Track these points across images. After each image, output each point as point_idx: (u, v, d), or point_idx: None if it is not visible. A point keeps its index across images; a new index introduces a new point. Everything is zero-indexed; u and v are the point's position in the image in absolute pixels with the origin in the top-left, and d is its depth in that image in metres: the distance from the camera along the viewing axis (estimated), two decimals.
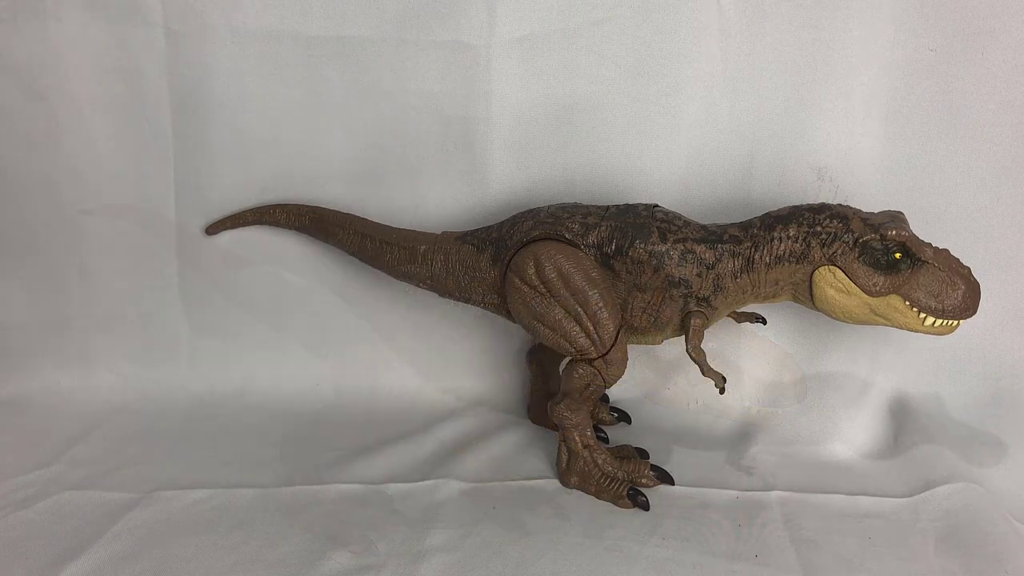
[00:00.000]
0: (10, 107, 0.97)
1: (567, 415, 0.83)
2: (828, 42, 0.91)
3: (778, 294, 0.82)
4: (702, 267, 0.81)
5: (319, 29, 0.94)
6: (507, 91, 0.95)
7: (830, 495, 0.85)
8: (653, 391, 1.03)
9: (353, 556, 0.75)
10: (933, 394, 0.98)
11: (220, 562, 0.74)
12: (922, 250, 0.75)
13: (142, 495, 0.83)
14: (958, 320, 0.76)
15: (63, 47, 0.95)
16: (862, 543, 0.77)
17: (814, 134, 0.94)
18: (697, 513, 0.82)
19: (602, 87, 0.95)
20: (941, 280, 0.75)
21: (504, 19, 0.92)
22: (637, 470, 0.85)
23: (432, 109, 0.97)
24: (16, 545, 0.76)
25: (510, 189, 0.99)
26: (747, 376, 1.00)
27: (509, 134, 0.97)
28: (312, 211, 1.00)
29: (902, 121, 0.92)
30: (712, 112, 0.95)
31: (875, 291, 0.76)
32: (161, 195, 1.02)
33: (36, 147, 0.99)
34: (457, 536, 0.78)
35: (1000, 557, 0.74)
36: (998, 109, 0.90)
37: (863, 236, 0.76)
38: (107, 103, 0.98)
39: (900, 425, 0.96)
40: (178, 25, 0.94)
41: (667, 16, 0.92)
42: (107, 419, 0.99)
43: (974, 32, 0.88)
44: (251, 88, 0.97)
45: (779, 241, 0.79)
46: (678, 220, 0.83)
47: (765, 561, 0.74)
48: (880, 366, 0.98)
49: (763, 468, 0.90)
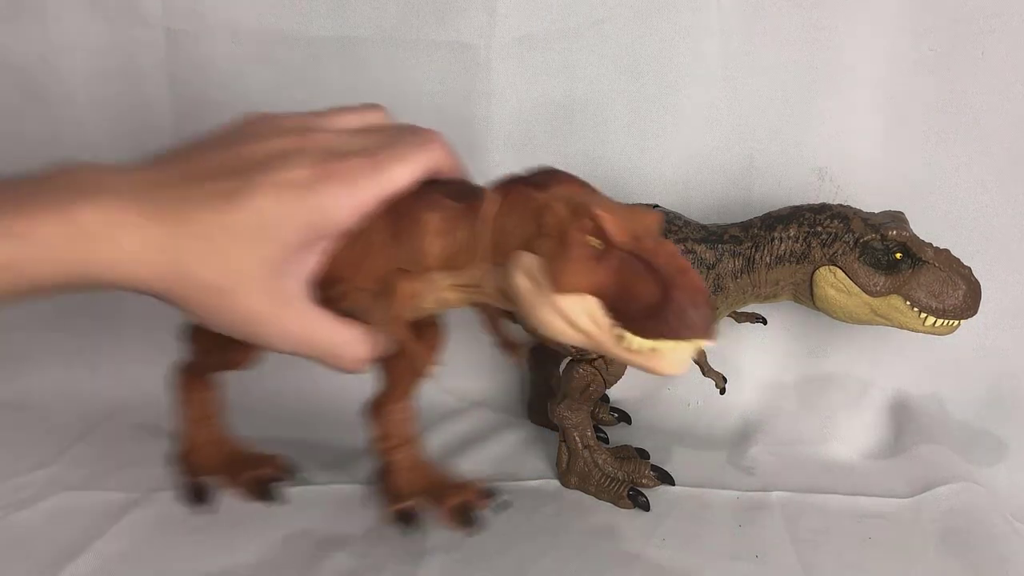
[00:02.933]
0: (10, 107, 0.97)
1: (567, 415, 0.83)
2: (828, 42, 0.91)
3: (778, 294, 0.82)
4: (702, 267, 0.81)
5: (319, 29, 0.94)
6: (507, 91, 0.95)
7: (830, 495, 0.85)
8: (653, 391, 1.03)
9: (353, 556, 0.75)
10: (933, 394, 0.98)
11: (220, 562, 0.74)
12: (923, 250, 0.75)
13: (142, 495, 0.83)
14: (958, 320, 0.76)
15: (63, 47, 0.95)
16: (862, 543, 0.77)
17: (814, 134, 0.94)
18: (697, 513, 0.81)
19: (602, 87, 0.95)
20: (942, 280, 0.75)
21: (504, 19, 0.92)
22: (637, 470, 0.85)
23: (432, 109, 0.97)
24: (16, 545, 0.76)
25: None
26: (747, 376, 1.00)
27: (509, 134, 0.97)
28: None
29: (902, 121, 0.92)
30: (712, 112, 0.95)
31: (876, 291, 0.76)
32: None
33: (36, 147, 0.99)
34: (456, 536, 0.77)
35: (1000, 557, 0.74)
36: (998, 109, 0.90)
37: (864, 236, 0.76)
38: (107, 103, 0.98)
39: (900, 425, 0.96)
40: (178, 25, 0.94)
41: (667, 16, 0.92)
42: (107, 419, 0.99)
43: (974, 32, 0.88)
44: (251, 88, 0.97)
45: (780, 241, 0.79)
46: (678, 220, 0.83)
47: (765, 561, 0.74)
48: (880, 366, 0.98)
49: (763, 468, 0.90)
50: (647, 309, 0.43)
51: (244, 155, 0.51)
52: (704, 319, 0.43)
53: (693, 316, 0.42)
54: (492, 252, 0.50)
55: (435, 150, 0.55)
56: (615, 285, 0.44)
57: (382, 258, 0.53)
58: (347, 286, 0.53)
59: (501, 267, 0.50)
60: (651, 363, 0.45)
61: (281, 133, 0.52)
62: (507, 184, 0.52)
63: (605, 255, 0.45)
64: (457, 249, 0.52)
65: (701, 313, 0.43)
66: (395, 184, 0.52)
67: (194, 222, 0.48)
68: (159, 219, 0.47)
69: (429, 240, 0.52)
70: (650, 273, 0.44)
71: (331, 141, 0.52)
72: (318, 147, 0.51)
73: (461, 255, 0.52)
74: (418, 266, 0.53)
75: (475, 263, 0.51)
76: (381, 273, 0.53)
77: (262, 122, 0.55)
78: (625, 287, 0.44)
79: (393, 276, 0.53)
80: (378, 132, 0.55)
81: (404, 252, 0.53)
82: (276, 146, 0.51)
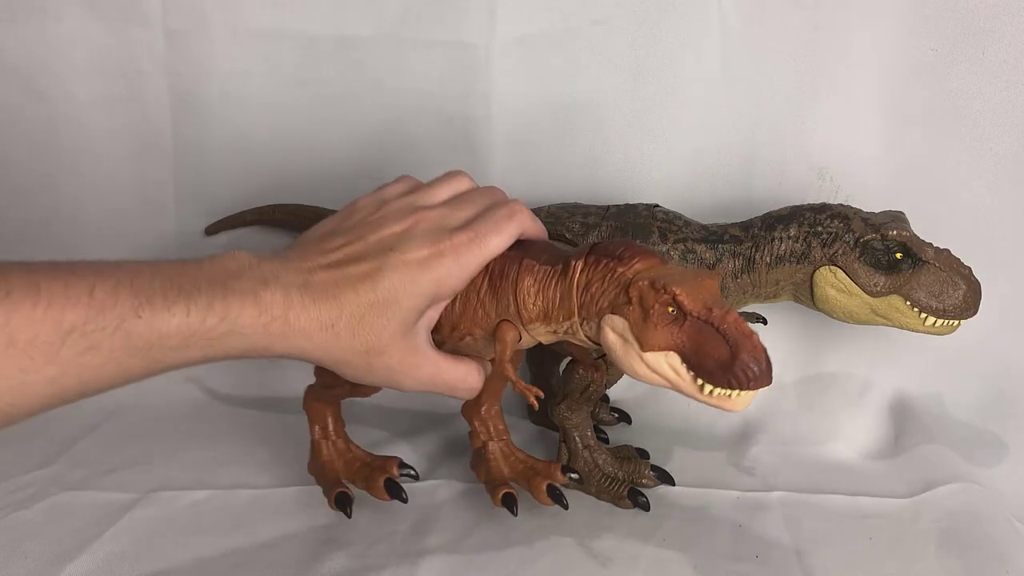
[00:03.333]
0: (10, 107, 0.97)
1: (567, 415, 0.83)
2: (828, 42, 0.91)
3: (779, 294, 0.82)
4: (702, 267, 0.81)
5: (319, 28, 0.94)
6: (507, 91, 0.95)
7: (830, 495, 0.85)
8: (653, 391, 1.03)
9: (352, 556, 0.75)
10: (933, 394, 0.98)
11: (220, 562, 0.74)
12: (923, 250, 0.75)
13: (142, 495, 0.83)
14: (959, 320, 0.76)
15: (63, 47, 0.95)
16: (862, 543, 0.77)
17: (814, 134, 0.94)
18: (698, 514, 0.81)
19: (602, 87, 0.95)
20: (942, 280, 0.75)
21: (504, 19, 0.92)
22: (637, 470, 0.85)
23: (432, 109, 0.97)
24: (16, 545, 0.75)
25: (510, 189, 0.97)
26: None
27: (509, 134, 0.97)
28: (312, 211, 1.00)
29: (902, 121, 0.92)
30: (712, 112, 0.95)
31: (876, 291, 0.76)
32: (161, 195, 1.02)
33: (36, 147, 0.99)
34: (457, 536, 0.77)
35: (1001, 557, 0.74)
36: (998, 109, 0.90)
37: (864, 236, 0.76)
38: (107, 103, 0.98)
39: (901, 425, 0.96)
40: (178, 25, 0.94)
41: (667, 16, 0.92)
42: (107, 419, 0.99)
43: (974, 32, 0.88)
44: (251, 88, 0.97)
45: (780, 241, 0.79)
46: (679, 220, 0.83)
47: (766, 561, 0.74)
48: (880, 366, 0.98)
49: (764, 468, 0.90)
50: (720, 365, 0.55)
51: (372, 241, 0.62)
52: (765, 372, 0.55)
53: (757, 371, 0.55)
54: (579, 308, 0.63)
55: (522, 219, 0.66)
56: (692, 344, 0.57)
57: (486, 310, 0.67)
58: (461, 332, 0.68)
59: (587, 320, 0.63)
60: (725, 405, 0.57)
61: (395, 217, 0.64)
62: (590, 253, 0.63)
63: (682, 320, 0.57)
64: (550, 306, 0.65)
65: (763, 368, 0.55)
66: (493, 252, 0.64)
67: (347, 303, 0.59)
68: (320, 302, 0.58)
69: (524, 299, 0.65)
70: (720, 336, 0.56)
71: (436, 219, 0.64)
72: (428, 227, 0.63)
73: (553, 310, 0.65)
74: (518, 319, 0.66)
75: (565, 316, 0.64)
76: (487, 322, 0.67)
77: (375, 205, 0.66)
78: (700, 347, 0.56)
79: (499, 328, 0.67)
80: (471, 201, 0.67)
81: (504, 306, 0.66)
82: (395, 230, 0.63)
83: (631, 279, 0.60)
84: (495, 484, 0.79)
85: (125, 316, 0.50)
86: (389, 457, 0.82)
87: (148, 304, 0.51)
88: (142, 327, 0.50)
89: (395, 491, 0.78)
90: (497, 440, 0.82)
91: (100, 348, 0.49)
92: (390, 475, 0.79)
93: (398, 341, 0.61)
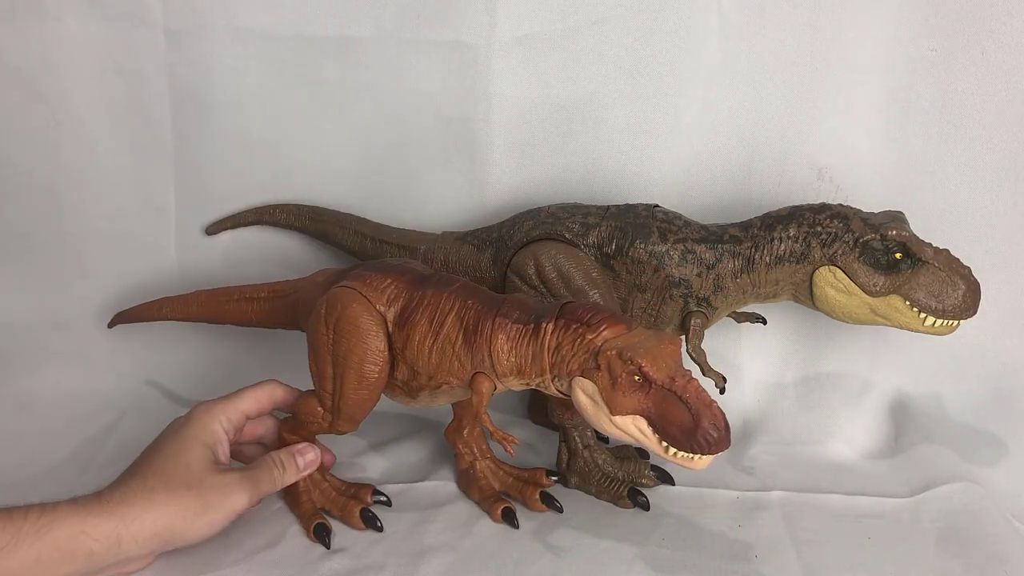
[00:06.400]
0: (10, 107, 0.97)
1: (567, 415, 0.83)
2: (828, 42, 0.91)
3: (778, 294, 0.82)
4: (702, 267, 0.81)
5: (319, 29, 0.94)
6: (507, 91, 0.95)
7: (830, 495, 0.85)
8: None
9: (353, 556, 0.75)
10: (933, 394, 0.98)
11: (220, 562, 0.74)
12: (922, 250, 0.75)
13: None
14: (958, 320, 0.76)
15: (63, 47, 0.95)
16: (862, 543, 0.77)
17: (814, 134, 0.94)
18: (697, 513, 0.81)
19: (602, 87, 0.95)
20: (941, 280, 0.75)
21: (504, 19, 0.92)
22: (637, 470, 0.85)
23: (432, 109, 0.96)
24: None
25: (510, 189, 0.99)
26: (747, 376, 1.00)
27: (509, 134, 0.97)
28: (312, 211, 1.00)
29: (902, 121, 0.92)
30: (712, 112, 0.95)
31: (875, 291, 0.76)
32: (161, 195, 1.02)
33: (36, 147, 0.99)
34: (456, 536, 0.78)
35: (1000, 557, 0.74)
36: (998, 109, 0.90)
37: (863, 236, 0.76)
38: (107, 103, 0.98)
39: (900, 425, 0.96)
40: (178, 25, 0.94)
41: (667, 16, 0.92)
42: (107, 419, 0.99)
43: (974, 32, 0.88)
44: (251, 88, 0.97)
45: (779, 241, 0.79)
46: (678, 220, 0.83)
47: (765, 561, 0.74)
48: (880, 366, 0.98)
49: (763, 468, 0.90)
50: (683, 431, 0.61)
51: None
52: (724, 437, 0.61)
53: (716, 437, 0.61)
54: (551, 367, 0.69)
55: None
56: (657, 410, 0.62)
57: (461, 362, 0.72)
58: (438, 381, 0.73)
59: (558, 378, 0.68)
60: (688, 464, 0.62)
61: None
62: (559, 316, 0.68)
63: (647, 387, 0.63)
64: (523, 362, 0.70)
65: (722, 434, 0.61)
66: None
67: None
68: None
69: (498, 355, 0.70)
70: (683, 404, 0.61)
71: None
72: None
73: (526, 367, 0.70)
74: (492, 372, 0.71)
75: (537, 373, 0.70)
76: (463, 373, 0.72)
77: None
78: (665, 414, 0.62)
79: (475, 380, 0.72)
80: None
81: (479, 360, 0.71)
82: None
83: (599, 347, 0.65)
84: (490, 500, 0.81)
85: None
86: (363, 485, 0.82)
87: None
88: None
89: (371, 521, 0.78)
90: (483, 459, 0.84)
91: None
92: (364, 504, 0.80)
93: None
